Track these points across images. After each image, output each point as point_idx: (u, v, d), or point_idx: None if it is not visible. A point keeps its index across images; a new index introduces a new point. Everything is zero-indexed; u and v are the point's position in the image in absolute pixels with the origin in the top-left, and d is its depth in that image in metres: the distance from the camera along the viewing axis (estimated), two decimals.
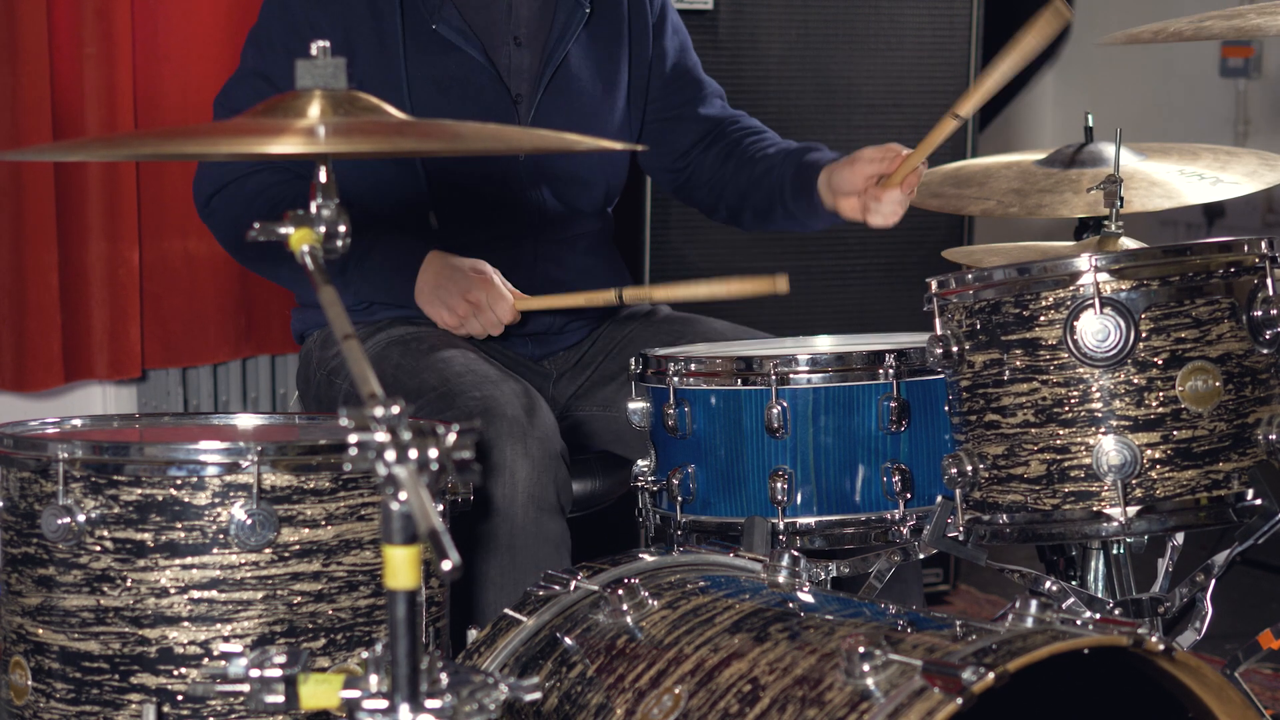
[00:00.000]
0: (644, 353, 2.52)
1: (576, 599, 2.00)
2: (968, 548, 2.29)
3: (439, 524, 1.34)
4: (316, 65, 1.64)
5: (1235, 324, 2.19)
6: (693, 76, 2.98)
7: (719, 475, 2.42)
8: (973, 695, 1.60)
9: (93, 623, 2.02)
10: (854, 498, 2.39)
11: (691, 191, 3.00)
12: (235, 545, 2.01)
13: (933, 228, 3.90)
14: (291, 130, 1.56)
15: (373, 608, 2.08)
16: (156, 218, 3.77)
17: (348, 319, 1.51)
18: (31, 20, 3.53)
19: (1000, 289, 2.22)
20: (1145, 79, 5.21)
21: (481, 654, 1.98)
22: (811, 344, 2.74)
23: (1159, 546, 2.46)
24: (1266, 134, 5.00)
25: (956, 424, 2.30)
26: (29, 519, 2.06)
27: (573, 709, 1.86)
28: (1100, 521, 2.17)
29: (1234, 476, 2.18)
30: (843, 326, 3.40)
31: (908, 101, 3.87)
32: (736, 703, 1.74)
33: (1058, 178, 2.75)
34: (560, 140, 1.85)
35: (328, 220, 1.63)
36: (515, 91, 2.78)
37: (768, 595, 1.95)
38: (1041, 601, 1.76)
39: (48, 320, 3.65)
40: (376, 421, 1.36)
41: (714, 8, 3.67)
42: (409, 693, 1.39)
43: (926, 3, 3.85)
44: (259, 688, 1.46)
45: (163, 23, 3.72)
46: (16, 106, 3.54)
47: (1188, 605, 2.31)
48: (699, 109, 2.96)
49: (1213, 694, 1.77)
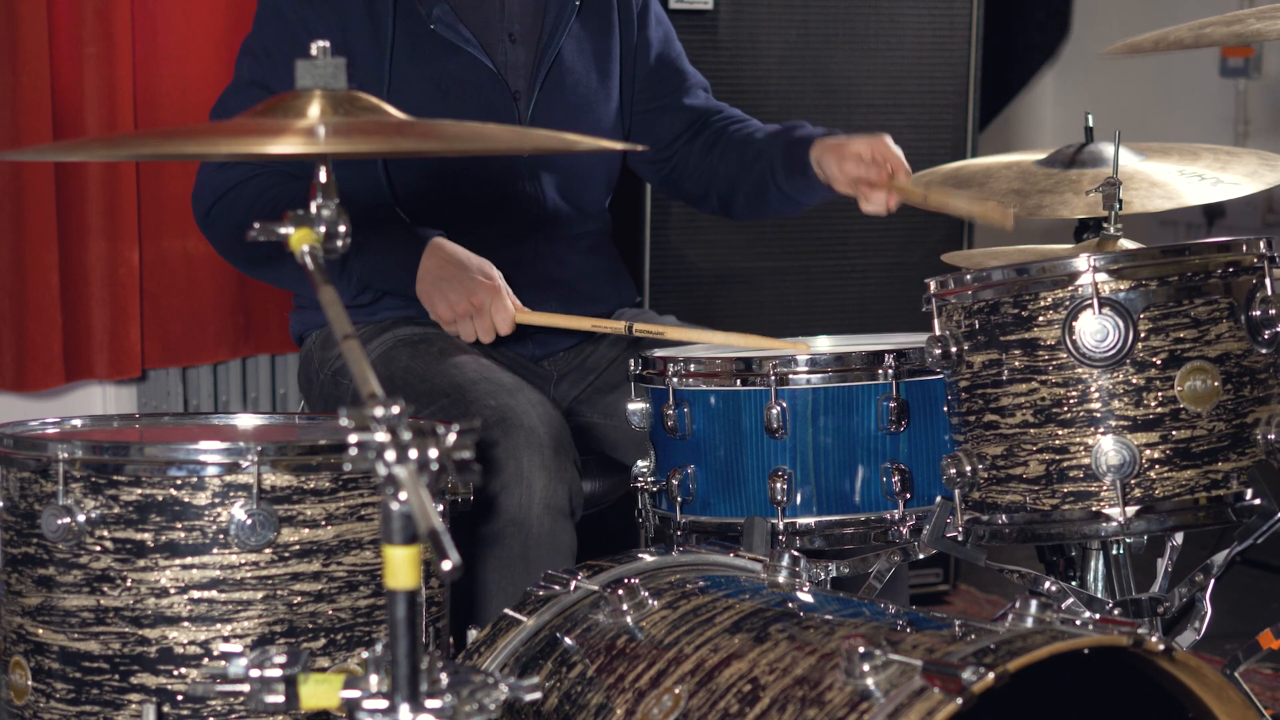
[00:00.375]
0: (643, 353, 2.51)
1: (576, 599, 2.00)
2: (967, 548, 2.29)
3: (439, 524, 1.34)
4: (316, 65, 1.64)
5: (1234, 324, 2.19)
6: (676, 67, 2.96)
7: (719, 476, 2.42)
8: (973, 695, 1.60)
9: (93, 623, 2.02)
10: (853, 498, 2.39)
11: (679, 183, 2.98)
12: (235, 545, 2.01)
13: (933, 228, 3.90)
14: (291, 130, 1.56)
15: (373, 608, 2.08)
16: (155, 217, 3.78)
17: (348, 319, 1.51)
18: (32, 20, 3.53)
19: (999, 289, 2.22)
20: (1145, 79, 5.21)
21: (481, 654, 1.98)
22: (811, 345, 2.74)
23: (1158, 546, 2.46)
24: (1266, 134, 5.00)
25: (955, 424, 2.30)
26: (29, 519, 2.06)
27: (573, 709, 1.86)
28: (1099, 521, 2.17)
29: (1233, 476, 2.18)
30: (842, 326, 3.40)
31: (908, 101, 3.88)
32: (736, 703, 1.74)
33: (1058, 178, 2.75)
34: (560, 140, 1.85)
35: (328, 220, 1.63)
36: (514, 88, 2.77)
37: (768, 595, 1.95)
38: (1041, 601, 1.76)
39: (48, 320, 3.65)
40: (376, 421, 1.36)
41: (714, 8, 3.67)
42: (409, 693, 1.39)
43: (926, 3, 3.85)
44: (259, 688, 1.46)
45: (162, 23, 3.72)
46: (17, 106, 3.54)
47: (1187, 605, 2.31)
48: (683, 99, 2.94)
49: (1213, 694, 1.77)
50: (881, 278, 3.90)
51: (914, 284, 2.44)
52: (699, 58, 3.63)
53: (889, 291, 3.89)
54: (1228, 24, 2.34)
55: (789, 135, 2.80)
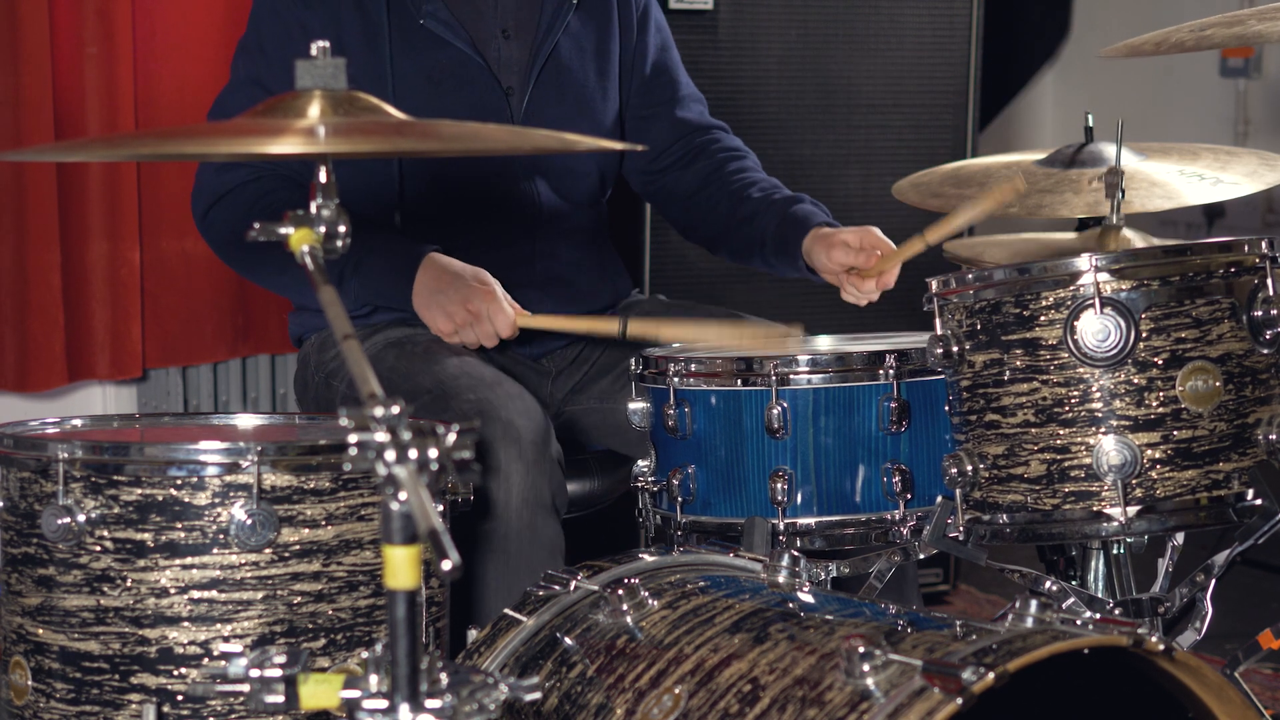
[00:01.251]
0: (644, 353, 2.51)
1: (576, 599, 2.00)
2: (968, 548, 2.29)
3: (439, 524, 1.34)
4: (316, 65, 1.64)
5: (1235, 324, 2.19)
6: (671, 76, 2.96)
7: (719, 476, 2.42)
8: (973, 695, 1.60)
9: (93, 623, 2.02)
10: (854, 498, 2.39)
11: (665, 205, 2.99)
12: (235, 545, 2.01)
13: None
14: (291, 130, 1.56)
15: (373, 608, 2.08)
16: (156, 217, 3.78)
17: (347, 319, 1.51)
18: (33, 20, 3.53)
19: (1000, 289, 2.22)
20: (1145, 79, 5.21)
21: (481, 654, 1.98)
22: (812, 344, 2.74)
23: (1159, 546, 2.46)
24: (1266, 134, 5.00)
25: (956, 424, 2.30)
26: (29, 519, 2.06)
27: (573, 709, 1.86)
28: (1100, 521, 2.17)
29: (1234, 476, 2.18)
30: (843, 326, 3.40)
31: (908, 101, 3.88)
32: (736, 703, 1.74)
33: (1058, 178, 2.75)
34: (560, 141, 1.85)
35: (328, 220, 1.63)
36: (506, 84, 2.77)
37: (768, 595, 1.95)
38: (1041, 601, 1.76)
39: (50, 320, 3.65)
40: (376, 421, 1.36)
41: (714, 8, 3.67)
42: (409, 693, 1.39)
43: (926, 3, 3.85)
44: (259, 688, 1.46)
45: (162, 23, 3.72)
46: (18, 106, 3.54)
47: (1188, 605, 2.31)
48: (675, 110, 2.94)
49: (1213, 694, 1.77)
50: None
51: (914, 284, 2.44)
52: (699, 58, 3.63)
53: (890, 291, 3.89)
54: (1228, 25, 2.34)
55: (785, 211, 2.79)
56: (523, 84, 2.78)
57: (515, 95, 2.77)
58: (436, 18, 2.71)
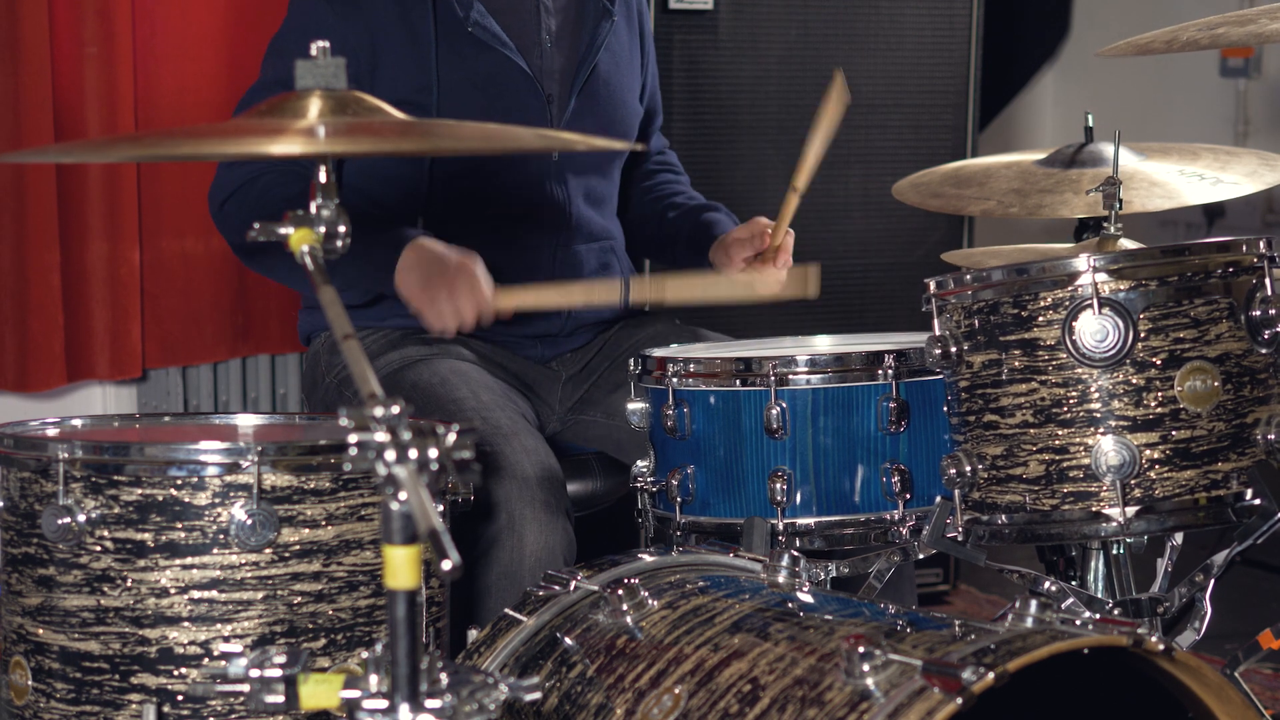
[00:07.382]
0: (643, 353, 2.52)
1: (576, 599, 2.00)
2: (967, 548, 2.29)
3: (439, 524, 1.34)
4: (316, 65, 1.64)
5: (1234, 324, 2.19)
6: (657, 102, 3.05)
7: (718, 476, 2.42)
8: (973, 695, 1.60)
9: (93, 623, 2.02)
10: (853, 498, 2.39)
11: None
12: (235, 545, 2.01)
13: (933, 228, 3.90)
14: (291, 130, 1.56)
15: (373, 608, 2.08)
16: (155, 218, 3.78)
17: (348, 319, 1.51)
18: (33, 21, 3.53)
19: (999, 289, 2.22)
20: (1145, 79, 5.22)
21: (481, 654, 1.98)
22: (811, 344, 2.74)
23: (1158, 546, 2.46)
24: (1266, 134, 5.01)
25: (955, 424, 2.30)
26: (29, 519, 2.06)
27: (573, 709, 1.86)
28: (1099, 522, 2.17)
29: (1233, 476, 2.18)
30: (842, 326, 3.40)
31: (908, 101, 3.88)
32: (736, 703, 1.74)
33: (1058, 178, 2.75)
34: (560, 140, 1.85)
35: (328, 220, 1.63)
36: (547, 92, 2.79)
37: (767, 595, 1.95)
38: (1041, 601, 1.76)
39: (50, 321, 3.65)
40: (376, 421, 1.36)
41: (714, 8, 3.67)
42: (409, 693, 1.39)
43: (926, 3, 3.86)
44: (259, 688, 1.46)
45: (162, 23, 3.72)
46: (18, 107, 3.54)
47: (1187, 605, 2.31)
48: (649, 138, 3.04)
49: (1213, 694, 1.77)
50: (881, 278, 3.90)
51: (914, 284, 2.44)
52: (699, 58, 3.64)
53: (889, 291, 3.89)
54: (1240, 23, 2.33)
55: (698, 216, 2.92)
56: (564, 93, 2.80)
57: (555, 104, 2.79)
58: (482, 24, 2.73)
